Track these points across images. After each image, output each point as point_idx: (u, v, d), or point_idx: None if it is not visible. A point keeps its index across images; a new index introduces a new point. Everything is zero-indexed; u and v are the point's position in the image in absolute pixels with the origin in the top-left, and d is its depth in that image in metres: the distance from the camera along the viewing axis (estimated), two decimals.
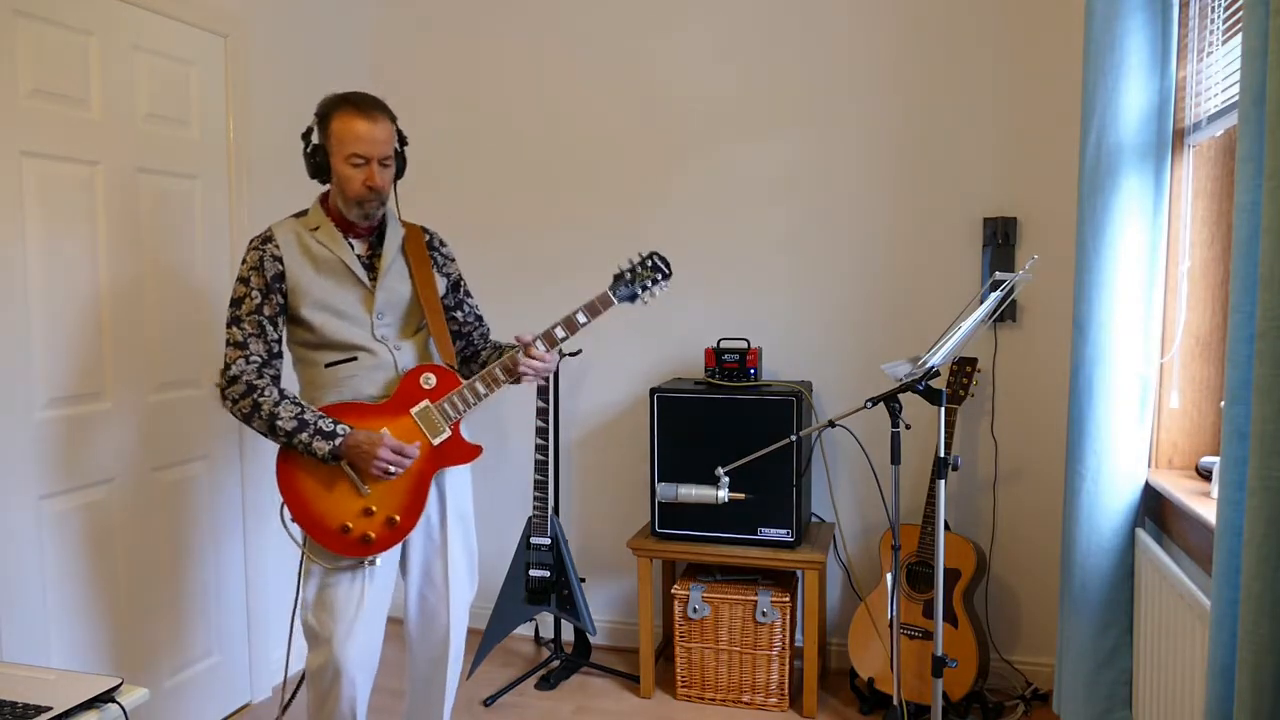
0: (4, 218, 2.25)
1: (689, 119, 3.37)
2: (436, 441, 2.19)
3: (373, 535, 2.14)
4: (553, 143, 3.52)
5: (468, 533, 2.40)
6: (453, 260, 2.43)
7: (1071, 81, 2.96)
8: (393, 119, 2.20)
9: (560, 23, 3.47)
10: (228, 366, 2.14)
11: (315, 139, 2.18)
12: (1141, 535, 2.37)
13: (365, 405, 2.17)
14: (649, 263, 2.31)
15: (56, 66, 2.37)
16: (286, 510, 2.15)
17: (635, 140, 3.43)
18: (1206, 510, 2.00)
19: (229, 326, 2.15)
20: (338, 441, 2.07)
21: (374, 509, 2.15)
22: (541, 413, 3.14)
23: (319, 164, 2.17)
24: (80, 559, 2.47)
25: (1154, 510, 2.41)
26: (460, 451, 2.24)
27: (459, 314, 2.44)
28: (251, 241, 2.18)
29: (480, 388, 2.21)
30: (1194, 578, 2.05)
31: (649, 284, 2.31)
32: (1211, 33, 2.24)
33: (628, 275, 2.30)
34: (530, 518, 3.18)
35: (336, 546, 2.13)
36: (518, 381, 2.24)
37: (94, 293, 2.50)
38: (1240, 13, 1.83)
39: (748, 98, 3.31)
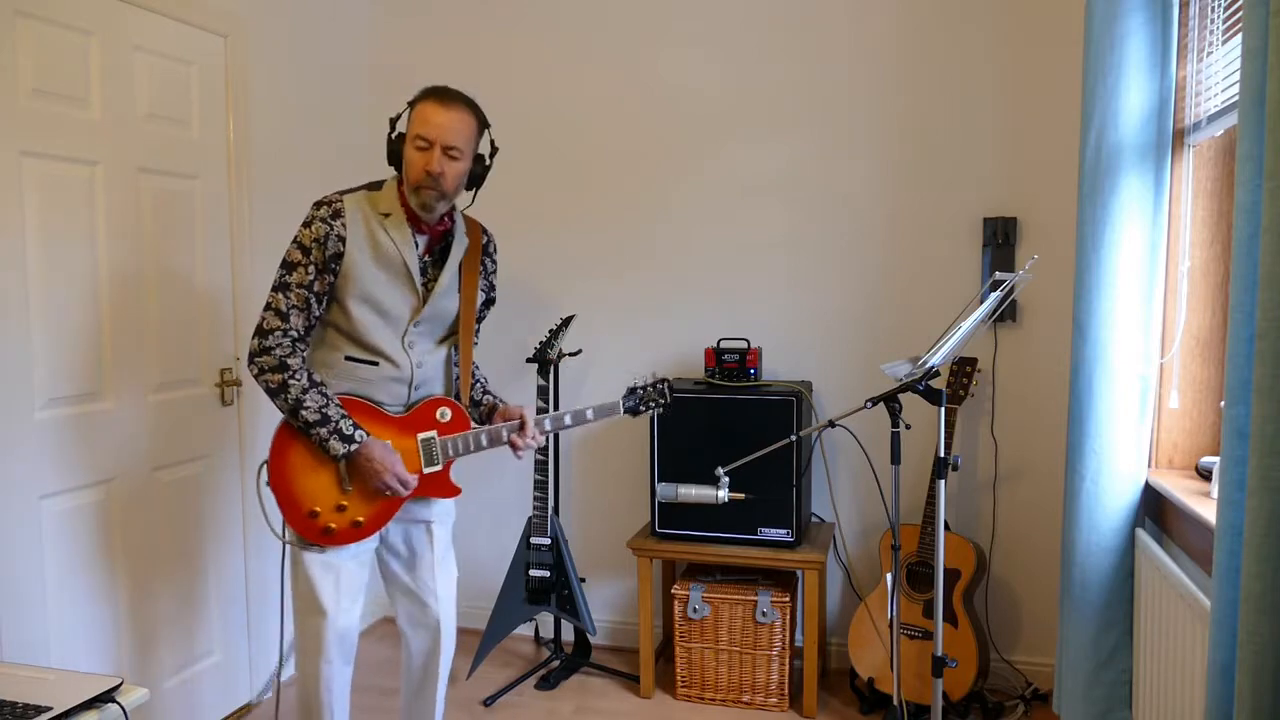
0: (4, 218, 2.25)
1: (689, 119, 3.37)
2: (427, 471, 2.22)
3: (334, 528, 2.15)
4: (553, 143, 3.52)
5: (448, 539, 2.41)
6: (496, 273, 2.42)
7: (1071, 81, 2.97)
8: (480, 119, 2.17)
9: (560, 24, 3.47)
10: (265, 333, 2.09)
11: (401, 126, 2.16)
12: (1141, 535, 2.37)
13: (381, 412, 2.18)
14: (659, 386, 2.42)
15: (56, 66, 2.37)
16: (265, 472, 2.15)
17: (635, 141, 3.43)
18: (1206, 510, 2.00)
19: (275, 290, 2.10)
20: (353, 448, 2.09)
21: (346, 506, 2.16)
22: (541, 413, 3.14)
23: (395, 150, 2.14)
24: (80, 559, 2.47)
25: (1154, 510, 2.41)
26: (441, 487, 2.26)
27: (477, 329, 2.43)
28: (321, 210, 2.11)
29: (484, 440, 2.25)
30: (1194, 578, 2.05)
31: (651, 404, 2.42)
32: (1211, 33, 2.24)
33: (639, 392, 2.41)
34: (530, 518, 3.18)
35: (299, 526, 2.15)
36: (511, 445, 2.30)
37: (94, 293, 2.50)
38: (1240, 13, 1.83)
39: (749, 98, 3.31)
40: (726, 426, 3.02)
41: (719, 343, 3.24)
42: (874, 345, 3.26)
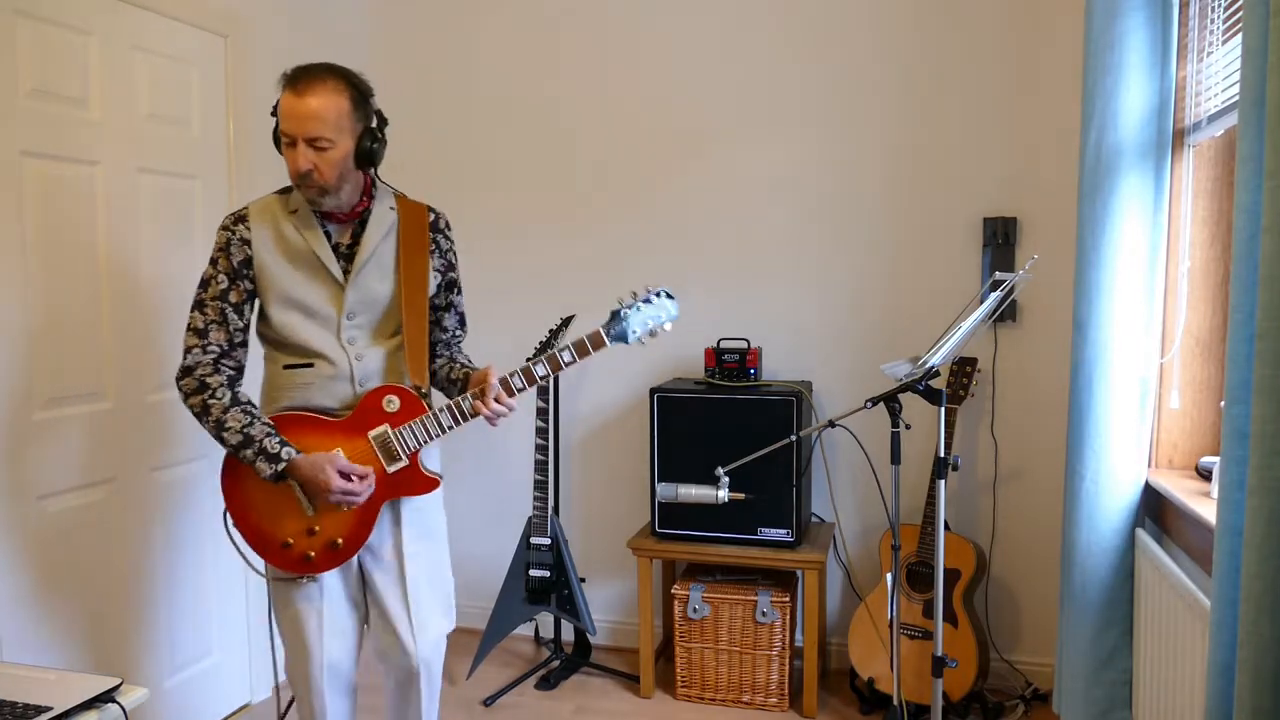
0: (4, 218, 2.25)
1: (691, 120, 3.37)
2: (391, 470, 2.01)
3: (313, 555, 2.01)
4: (553, 143, 3.51)
5: (436, 561, 2.17)
6: (453, 251, 2.18)
7: (1071, 81, 2.97)
8: (353, 91, 1.93)
9: (560, 26, 3.47)
10: (185, 354, 1.98)
11: None
12: (1141, 535, 2.37)
13: (322, 420, 2.00)
14: (652, 299, 2.07)
15: (56, 66, 2.37)
16: (228, 518, 2.03)
17: (636, 141, 3.43)
18: (1206, 510, 2.00)
19: (192, 310, 2.00)
20: (280, 466, 1.92)
21: (317, 529, 2.00)
22: (541, 413, 3.14)
23: (277, 143, 1.99)
24: (80, 559, 2.47)
25: (1154, 510, 2.41)
26: (416, 482, 2.05)
27: (447, 318, 2.21)
28: (224, 219, 2.02)
29: (445, 421, 2.01)
30: (1194, 578, 2.05)
31: (649, 323, 2.07)
32: (1211, 33, 2.24)
33: (626, 312, 2.06)
34: (530, 518, 3.18)
35: (277, 561, 2.02)
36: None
37: (94, 293, 2.50)
38: (1240, 13, 1.83)
39: (750, 98, 3.31)
40: (726, 426, 3.02)
41: (719, 343, 3.24)
42: (874, 345, 3.26)
